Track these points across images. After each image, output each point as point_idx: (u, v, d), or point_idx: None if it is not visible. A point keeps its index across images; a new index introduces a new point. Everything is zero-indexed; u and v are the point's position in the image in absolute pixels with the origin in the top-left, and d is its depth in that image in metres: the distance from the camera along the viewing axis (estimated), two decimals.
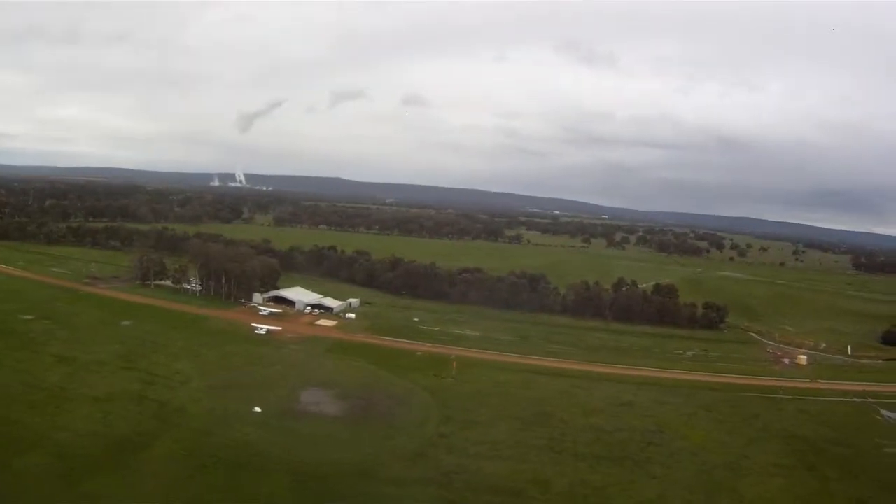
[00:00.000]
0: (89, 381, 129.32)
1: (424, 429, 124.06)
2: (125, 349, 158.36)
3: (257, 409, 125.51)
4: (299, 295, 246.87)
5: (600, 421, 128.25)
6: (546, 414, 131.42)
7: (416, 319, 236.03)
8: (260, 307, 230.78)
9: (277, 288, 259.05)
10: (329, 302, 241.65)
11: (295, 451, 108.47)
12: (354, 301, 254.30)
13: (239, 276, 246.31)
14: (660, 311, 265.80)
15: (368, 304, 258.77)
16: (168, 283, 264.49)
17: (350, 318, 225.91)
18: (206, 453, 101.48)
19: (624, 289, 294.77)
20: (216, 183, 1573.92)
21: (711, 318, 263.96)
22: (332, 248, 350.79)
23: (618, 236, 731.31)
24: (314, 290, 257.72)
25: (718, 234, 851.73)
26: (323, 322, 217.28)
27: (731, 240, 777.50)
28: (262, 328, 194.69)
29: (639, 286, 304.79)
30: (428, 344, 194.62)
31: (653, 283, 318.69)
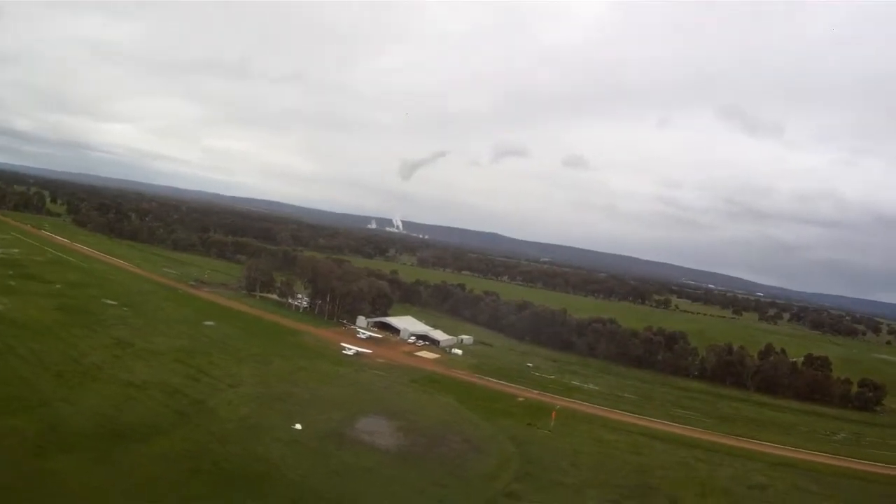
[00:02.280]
0: (133, 366, 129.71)
1: (491, 483, 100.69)
2: (191, 345, 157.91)
3: (298, 427, 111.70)
4: (406, 324, 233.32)
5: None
6: (651, 487, 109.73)
7: (530, 365, 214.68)
8: (361, 330, 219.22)
9: (387, 315, 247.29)
10: (437, 335, 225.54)
11: (314, 478, 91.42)
12: (467, 338, 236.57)
13: (345, 296, 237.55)
14: (809, 384, 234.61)
15: (484, 344, 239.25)
16: (274, 295, 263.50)
17: (456, 354, 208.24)
18: (210, 460, 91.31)
19: (771, 357, 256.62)
20: (373, 226, 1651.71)
21: (867, 398, 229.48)
22: (460, 285, 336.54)
23: (771, 311, 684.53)
24: (430, 324, 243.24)
25: (876, 318, 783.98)
26: (424, 354, 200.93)
27: (889, 325, 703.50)
28: (351, 349, 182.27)
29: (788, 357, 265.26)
30: (535, 391, 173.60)
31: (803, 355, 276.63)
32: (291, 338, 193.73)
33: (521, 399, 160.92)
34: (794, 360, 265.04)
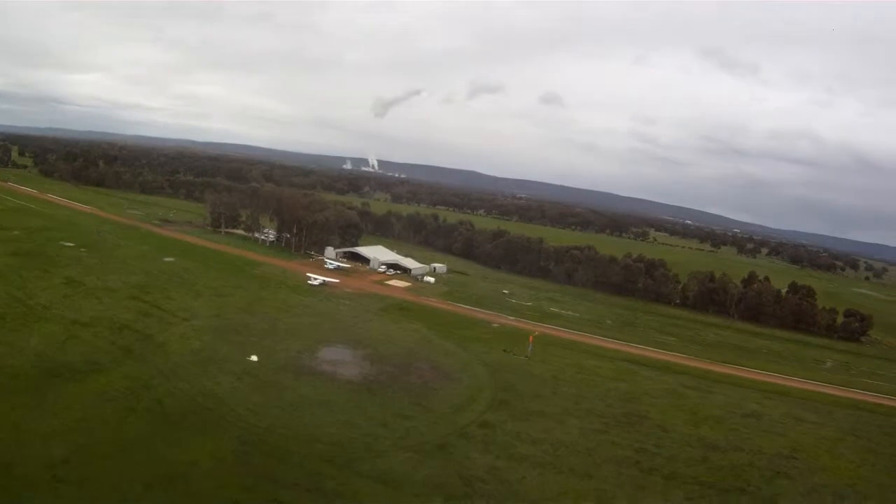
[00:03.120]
0: (81, 305, 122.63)
1: (463, 413, 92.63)
2: (146, 281, 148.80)
3: (253, 358, 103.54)
4: (377, 253, 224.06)
5: (713, 434, 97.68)
6: (639, 415, 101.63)
7: (505, 292, 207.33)
8: (329, 261, 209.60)
9: (357, 246, 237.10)
10: (409, 263, 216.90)
11: (265, 413, 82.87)
12: (440, 266, 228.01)
13: (311, 227, 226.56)
14: (794, 313, 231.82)
15: (458, 273, 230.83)
16: (240, 231, 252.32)
17: (428, 282, 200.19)
18: (151, 397, 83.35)
19: (755, 285, 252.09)
20: (348, 167, 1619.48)
21: (853, 329, 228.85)
22: (434, 216, 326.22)
23: (749, 245, 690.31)
24: (403, 255, 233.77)
25: (853, 256, 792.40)
26: (394, 283, 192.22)
27: (867, 262, 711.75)
28: (317, 279, 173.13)
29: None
30: (511, 318, 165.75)
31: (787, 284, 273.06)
32: (254, 270, 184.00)
33: (495, 325, 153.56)
34: (778, 289, 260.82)
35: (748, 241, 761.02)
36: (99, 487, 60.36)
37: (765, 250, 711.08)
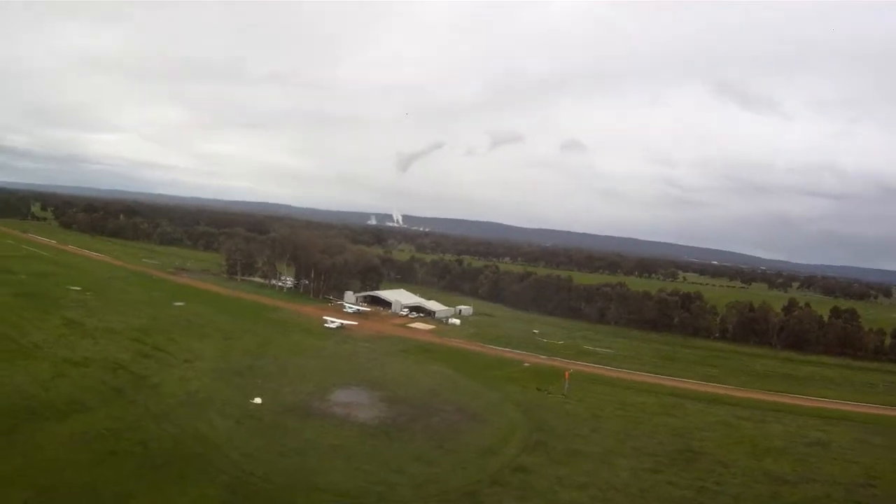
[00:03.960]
0: (77, 344, 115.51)
1: (493, 457, 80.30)
2: (151, 324, 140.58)
3: (257, 401, 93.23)
4: (399, 296, 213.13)
5: (778, 466, 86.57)
6: (694, 451, 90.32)
7: (535, 331, 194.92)
8: (347, 305, 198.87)
9: (378, 290, 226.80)
10: (432, 305, 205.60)
11: (263, 459, 71.72)
12: (466, 308, 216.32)
13: (330, 271, 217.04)
14: (840, 338, 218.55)
15: (485, 315, 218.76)
16: (257, 278, 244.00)
17: (453, 324, 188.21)
18: (136, 439, 73.43)
19: (796, 312, 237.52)
20: (373, 222, 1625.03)
21: None
22: (458, 261, 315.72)
23: (779, 280, 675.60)
24: (427, 299, 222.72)
25: (885, 285, 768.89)
26: (417, 325, 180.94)
27: None
28: (334, 322, 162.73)
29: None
30: (542, 356, 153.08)
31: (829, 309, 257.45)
32: (267, 314, 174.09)
33: (526, 364, 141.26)
34: (820, 315, 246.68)
35: (777, 277, 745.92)
36: None
37: (795, 284, 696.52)
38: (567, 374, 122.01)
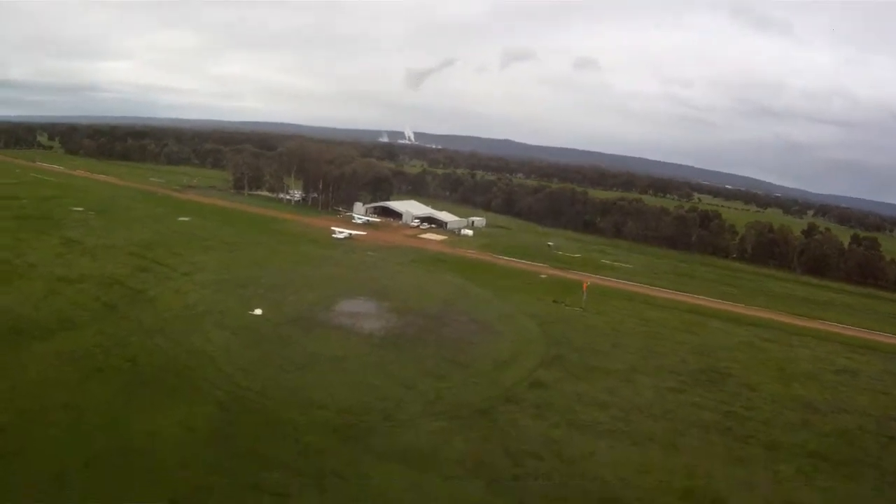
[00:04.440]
0: (75, 262, 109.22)
1: (508, 371, 74.83)
2: (154, 238, 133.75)
3: (257, 312, 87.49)
4: (410, 207, 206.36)
5: (807, 393, 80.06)
6: (719, 372, 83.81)
7: (550, 244, 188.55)
8: (357, 216, 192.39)
9: (389, 201, 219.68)
10: (444, 216, 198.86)
11: (260, 374, 66.19)
12: (479, 219, 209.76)
13: (338, 181, 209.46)
14: (861, 265, 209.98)
15: (499, 227, 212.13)
16: (264, 192, 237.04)
17: (466, 235, 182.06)
18: (124, 356, 67.78)
19: (817, 236, 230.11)
20: (385, 139, 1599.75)
21: None
22: (471, 174, 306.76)
23: (794, 207, 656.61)
24: (439, 210, 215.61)
25: None
26: (429, 236, 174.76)
27: None
28: (343, 232, 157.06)
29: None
30: (559, 269, 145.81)
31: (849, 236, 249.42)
32: (274, 226, 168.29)
33: (542, 276, 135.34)
34: (841, 241, 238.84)
35: (793, 204, 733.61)
36: (31, 462, 45.75)
37: (810, 212, 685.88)
38: (585, 285, 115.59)
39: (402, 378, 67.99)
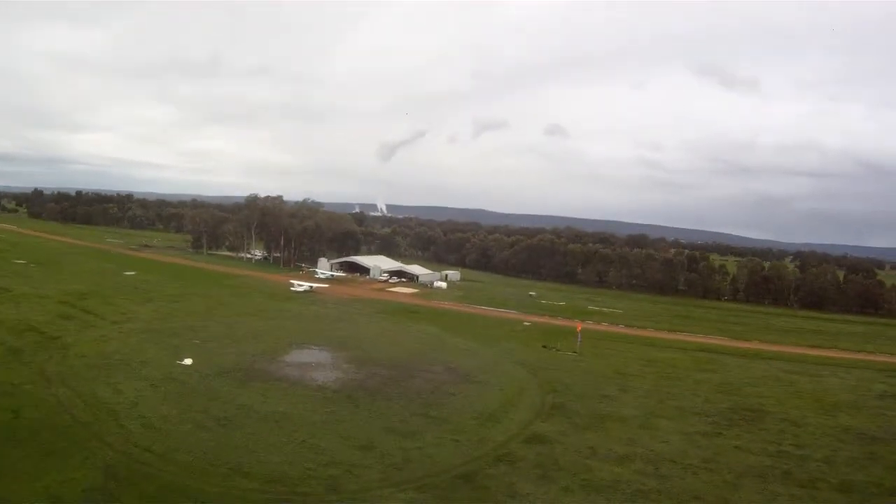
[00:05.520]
0: None
1: (497, 424, 58.62)
2: (90, 290, 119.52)
3: (187, 362, 71.90)
4: (378, 262, 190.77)
5: (859, 423, 67.64)
6: (752, 409, 70.22)
7: (532, 293, 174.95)
8: (321, 272, 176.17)
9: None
10: (415, 269, 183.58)
11: (171, 433, 49.88)
12: (453, 273, 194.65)
13: (301, 237, 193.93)
14: (861, 296, 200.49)
15: (474, 281, 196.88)
16: (224, 251, 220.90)
17: (440, 287, 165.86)
18: (8, 406, 53.41)
19: (812, 269, 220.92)
20: (357, 212, 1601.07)
21: None
22: (443, 231, 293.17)
23: (771, 257, 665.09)
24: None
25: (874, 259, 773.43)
26: (399, 289, 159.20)
27: (891, 263, 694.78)
28: (302, 285, 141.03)
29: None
30: (545, 315, 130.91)
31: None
32: (228, 281, 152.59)
33: (527, 323, 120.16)
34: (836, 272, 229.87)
35: (769, 253, 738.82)
36: None
37: (788, 258, 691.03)
38: (579, 326, 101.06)
39: (358, 438, 51.62)
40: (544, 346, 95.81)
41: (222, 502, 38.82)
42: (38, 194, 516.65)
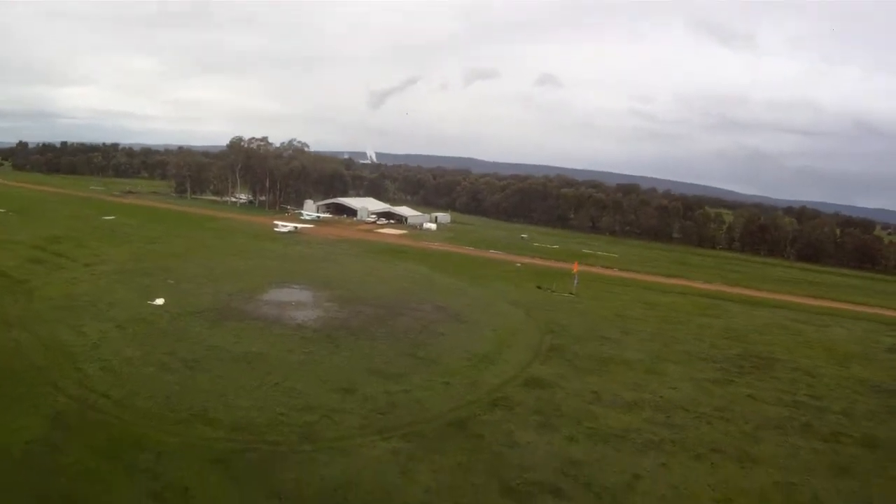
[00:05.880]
0: None
1: (491, 367, 53.88)
2: (65, 234, 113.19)
3: (158, 302, 66.51)
4: (366, 203, 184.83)
5: (874, 375, 63.23)
6: (761, 357, 65.54)
7: (524, 236, 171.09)
8: (306, 213, 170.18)
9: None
10: (404, 210, 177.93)
11: (132, 377, 45.37)
12: (443, 215, 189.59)
13: (286, 179, 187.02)
14: (859, 249, 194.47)
15: (464, 224, 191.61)
16: (208, 195, 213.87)
17: (429, 229, 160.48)
18: None
19: (810, 221, 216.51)
20: (347, 159, 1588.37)
21: None
22: (433, 175, 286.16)
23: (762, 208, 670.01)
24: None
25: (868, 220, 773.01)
26: (387, 231, 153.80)
27: (880, 223, 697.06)
28: (287, 226, 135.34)
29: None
30: (537, 257, 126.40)
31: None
32: (211, 224, 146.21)
33: (518, 265, 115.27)
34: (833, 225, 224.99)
35: (758, 207, 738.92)
36: None
37: (780, 211, 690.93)
38: (576, 266, 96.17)
39: (338, 380, 46.82)
40: (539, 287, 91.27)
41: (180, 454, 33.88)
42: (22, 146, 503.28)
